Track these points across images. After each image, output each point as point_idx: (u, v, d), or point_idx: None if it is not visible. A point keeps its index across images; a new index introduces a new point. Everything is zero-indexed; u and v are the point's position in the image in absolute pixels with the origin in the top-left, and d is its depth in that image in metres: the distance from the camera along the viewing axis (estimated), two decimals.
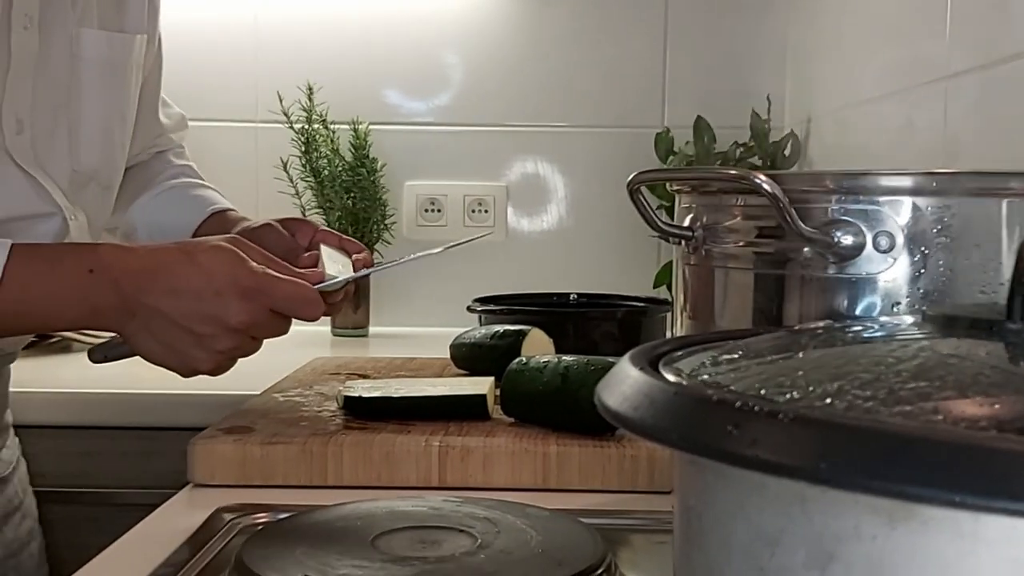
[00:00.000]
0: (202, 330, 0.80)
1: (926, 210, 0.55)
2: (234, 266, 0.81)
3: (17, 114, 0.91)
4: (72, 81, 0.97)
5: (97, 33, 0.99)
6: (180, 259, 0.81)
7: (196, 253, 0.81)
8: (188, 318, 0.80)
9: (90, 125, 0.99)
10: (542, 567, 0.60)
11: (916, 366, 0.34)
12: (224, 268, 0.81)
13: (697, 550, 0.35)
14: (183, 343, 0.81)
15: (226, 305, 0.80)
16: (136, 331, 0.81)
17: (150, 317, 0.80)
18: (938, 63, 1.13)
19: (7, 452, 1.06)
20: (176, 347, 0.81)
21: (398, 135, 1.86)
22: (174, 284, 0.80)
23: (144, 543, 0.71)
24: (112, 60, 1.01)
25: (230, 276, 0.80)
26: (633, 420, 0.34)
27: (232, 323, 0.80)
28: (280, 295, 0.82)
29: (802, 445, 0.28)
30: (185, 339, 0.80)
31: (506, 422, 0.94)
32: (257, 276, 0.82)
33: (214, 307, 0.80)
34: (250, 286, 0.81)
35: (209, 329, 0.80)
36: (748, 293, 0.61)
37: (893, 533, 0.28)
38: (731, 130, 1.77)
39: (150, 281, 0.80)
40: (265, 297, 0.82)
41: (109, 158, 1.03)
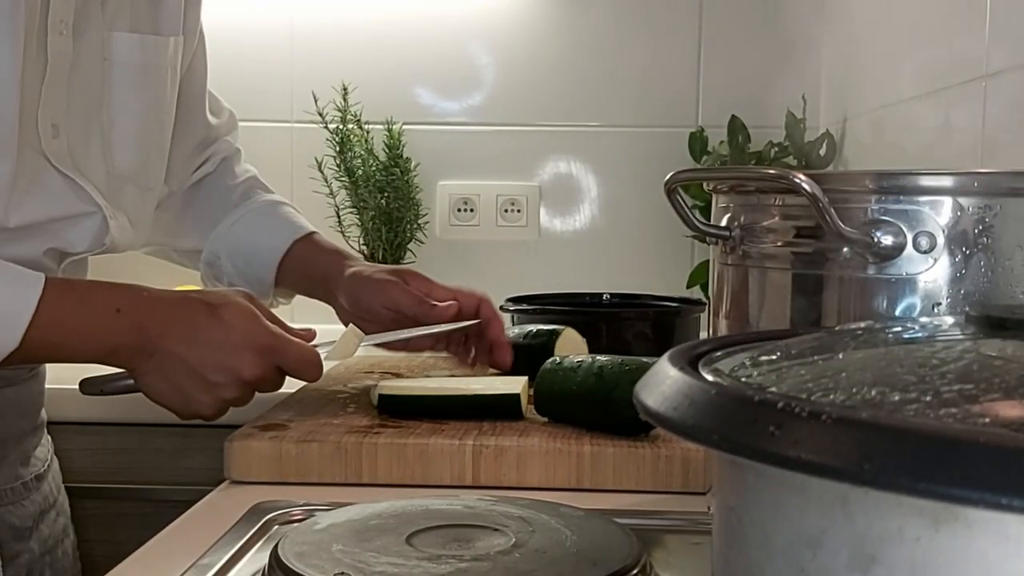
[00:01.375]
0: (215, 378, 0.85)
1: (967, 210, 0.54)
2: (253, 323, 0.87)
3: (53, 118, 0.92)
4: (104, 85, 0.98)
5: (129, 36, 0.99)
6: (204, 310, 0.86)
7: (218, 307, 0.87)
8: (204, 366, 0.85)
9: (123, 128, 1.00)
10: (577, 567, 0.59)
11: (961, 368, 0.33)
12: (243, 324, 0.87)
13: (737, 551, 0.35)
14: (193, 388, 0.85)
15: (242, 359, 0.85)
16: (149, 371, 0.86)
17: (166, 359, 0.85)
18: (976, 61, 1.12)
19: (41, 450, 1.07)
20: (185, 390, 0.86)
21: (432, 135, 1.87)
22: (197, 333, 0.85)
23: (182, 539, 0.72)
24: (145, 63, 1.01)
25: (248, 333, 0.86)
26: (673, 420, 0.34)
27: (245, 376, 0.86)
28: (291, 356, 0.88)
29: (845, 446, 0.28)
30: (196, 385, 0.85)
31: (539, 422, 0.94)
32: (273, 335, 0.88)
33: (231, 359, 0.85)
34: (266, 344, 0.87)
35: (222, 378, 0.85)
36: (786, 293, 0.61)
37: (937, 535, 0.28)
38: (766, 130, 1.77)
39: (172, 327, 0.85)
40: (277, 356, 0.87)
41: (145, 160, 1.04)
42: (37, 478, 1.05)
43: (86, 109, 0.96)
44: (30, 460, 1.04)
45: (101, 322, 0.84)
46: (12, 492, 1.01)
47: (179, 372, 0.85)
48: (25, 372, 1.02)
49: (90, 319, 0.84)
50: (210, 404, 0.87)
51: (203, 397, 0.86)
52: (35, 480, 1.04)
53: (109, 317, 0.84)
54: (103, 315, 0.84)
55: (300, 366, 0.89)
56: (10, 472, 1.01)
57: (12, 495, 1.01)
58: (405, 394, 0.96)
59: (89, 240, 0.97)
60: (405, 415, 0.94)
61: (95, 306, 0.85)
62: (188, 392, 0.86)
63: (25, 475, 1.03)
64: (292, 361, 0.89)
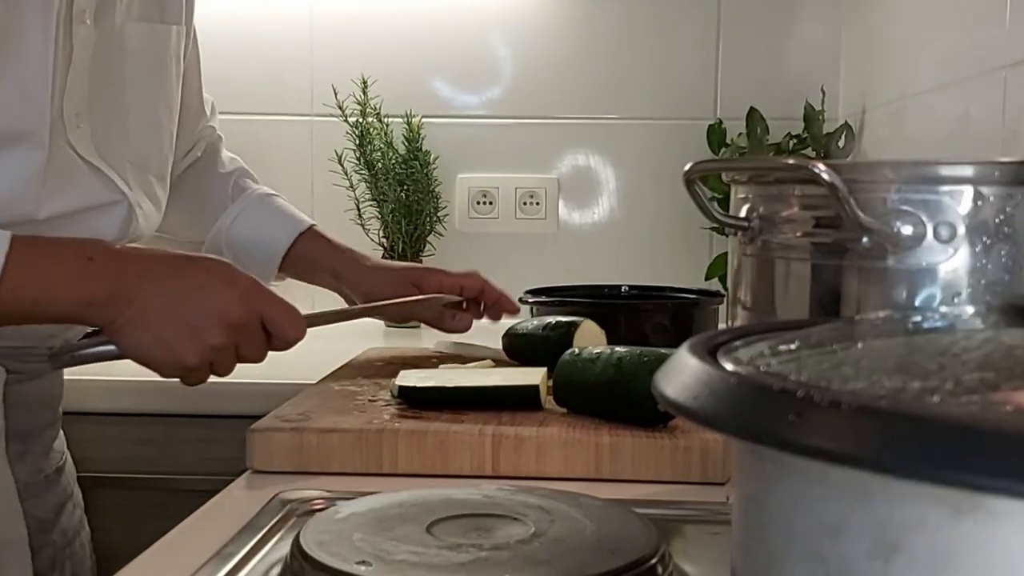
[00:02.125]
0: (200, 321, 0.81)
1: (988, 199, 0.54)
2: (231, 269, 0.85)
3: (76, 108, 0.93)
4: (120, 73, 0.99)
5: (140, 25, 1.00)
6: (180, 258, 0.84)
7: (195, 257, 0.85)
8: (186, 307, 0.81)
9: (139, 116, 1.01)
10: (597, 556, 0.60)
11: (982, 356, 0.33)
12: (223, 269, 0.84)
13: (757, 540, 0.35)
14: (177, 333, 0.81)
15: (228, 297, 0.82)
16: (128, 322, 0.81)
17: (148, 305, 0.80)
18: (996, 52, 1.11)
19: (58, 442, 1.08)
20: (167, 337, 0.81)
21: (451, 128, 1.87)
22: (176, 276, 0.82)
23: (204, 528, 0.73)
24: (154, 51, 1.03)
25: (230, 275, 0.84)
26: (693, 409, 0.34)
27: (231, 316, 0.82)
28: (273, 304, 0.85)
29: (865, 434, 0.28)
30: (180, 329, 0.81)
31: (558, 412, 0.94)
32: (253, 281, 0.85)
33: (214, 300, 0.81)
34: (249, 287, 0.84)
35: (207, 321, 0.81)
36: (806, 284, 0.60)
37: (959, 524, 0.28)
38: (784, 121, 1.76)
39: (151, 271, 0.82)
40: (260, 302, 0.84)
41: (159, 148, 1.05)
42: (57, 471, 1.06)
43: (105, 98, 0.97)
44: (49, 453, 1.05)
45: (74, 271, 0.80)
46: (36, 485, 1.02)
47: (160, 318, 0.81)
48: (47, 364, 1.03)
49: (62, 269, 0.80)
50: (194, 352, 0.82)
51: (187, 344, 0.81)
52: (55, 473, 1.05)
53: (81, 265, 0.80)
54: (75, 264, 0.81)
55: (282, 318, 0.85)
56: (33, 464, 1.02)
57: (36, 488, 1.02)
58: (425, 385, 0.96)
59: (117, 229, 0.97)
60: (425, 406, 0.95)
61: (66, 257, 0.81)
62: (170, 340, 0.81)
63: (46, 468, 1.04)
64: (274, 311, 0.85)
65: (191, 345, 0.81)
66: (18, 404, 0.99)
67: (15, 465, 0.97)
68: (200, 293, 0.81)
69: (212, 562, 0.64)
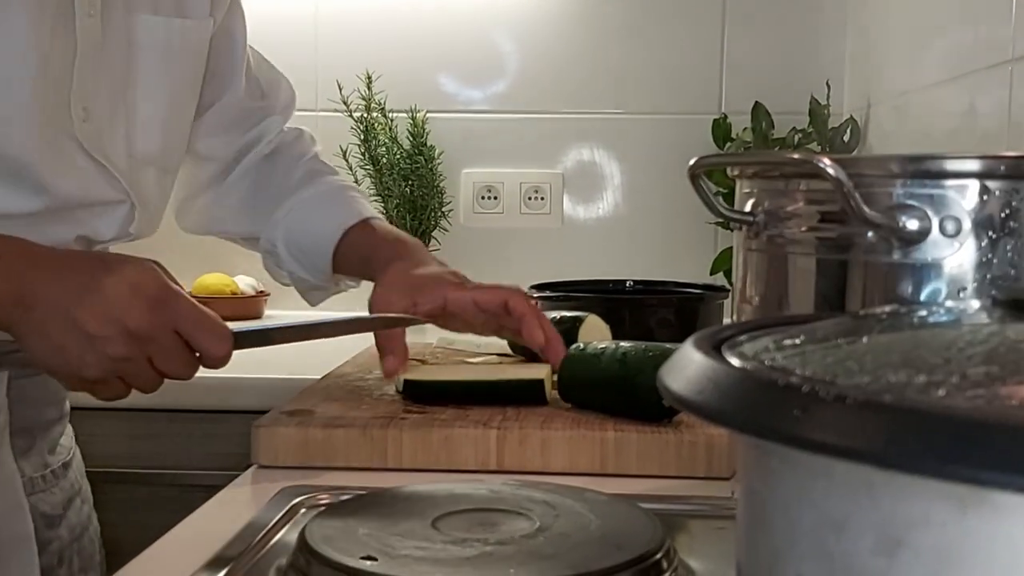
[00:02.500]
0: (97, 330, 0.75)
1: (994, 194, 0.54)
2: (148, 275, 0.77)
3: (84, 102, 0.92)
4: (128, 67, 0.98)
5: (153, 19, 0.99)
6: (96, 262, 0.78)
7: (112, 262, 0.78)
8: (85, 316, 0.75)
9: (147, 111, 0.99)
10: (602, 551, 0.60)
11: (987, 351, 0.33)
12: (136, 275, 0.77)
13: (762, 535, 0.35)
14: (75, 342, 0.75)
15: (128, 307, 0.75)
16: (30, 330, 0.76)
17: (47, 311, 0.75)
18: (1002, 46, 1.11)
19: (66, 438, 1.08)
20: (67, 347, 0.76)
21: (455, 123, 1.87)
22: (82, 280, 0.76)
23: (210, 523, 0.73)
24: (168, 45, 1.01)
25: (140, 281, 0.76)
26: (698, 404, 0.34)
27: (131, 326, 0.75)
28: (188, 315, 0.77)
29: (870, 429, 0.28)
30: (77, 339, 0.75)
31: (564, 407, 0.94)
32: (169, 289, 0.77)
33: (115, 308, 0.75)
34: (158, 296, 0.76)
35: (105, 330, 0.75)
36: (810, 279, 0.60)
37: (964, 519, 0.28)
38: (789, 116, 1.76)
39: (57, 277, 0.76)
40: (171, 312, 0.77)
41: (167, 143, 1.03)
42: (64, 466, 1.06)
43: (113, 93, 0.96)
44: (56, 448, 1.05)
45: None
46: (43, 480, 1.02)
47: (60, 327, 0.75)
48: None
49: None
50: (94, 364, 0.76)
51: (86, 355, 0.75)
52: (62, 468, 1.05)
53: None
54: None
55: (197, 328, 0.78)
56: (39, 460, 1.02)
57: (43, 483, 1.02)
58: (429, 379, 0.97)
59: (116, 228, 0.97)
60: (429, 400, 0.95)
61: None
62: (69, 350, 0.75)
63: (53, 463, 1.04)
64: (188, 321, 0.77)
65: (91, 356, 0.76)
66: (21, 400, 0.99)
67: (20, 460, 0.98)
68: (102, 300, 0.75)
69: (218, 557, 0.64)
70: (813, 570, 0.32)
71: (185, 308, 0.77)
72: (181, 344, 0.77)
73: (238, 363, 0.87)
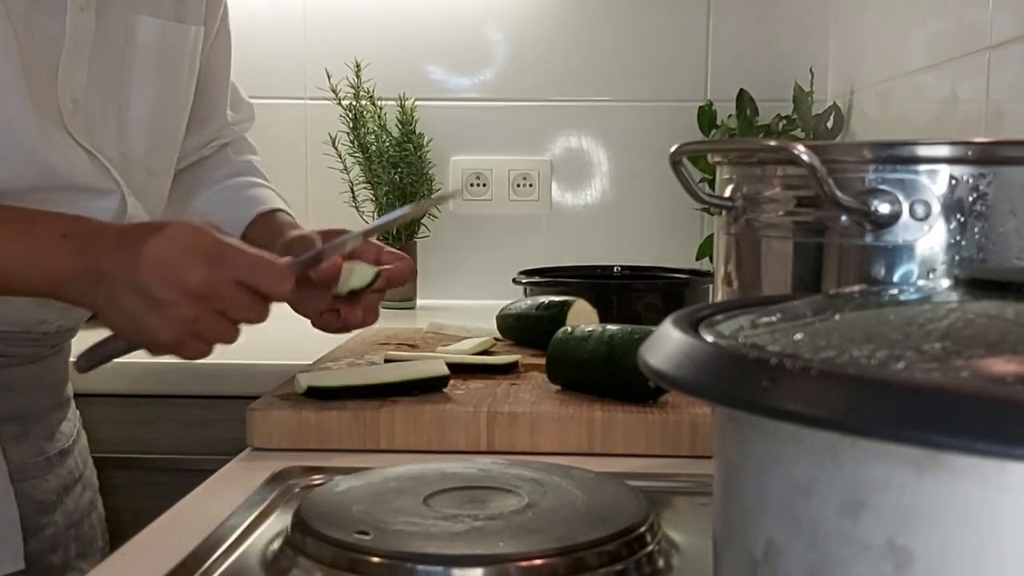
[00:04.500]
0: (160, 294, 0.78)
1: (962, 178, 0.56)
2: (200, 235, 0.80)
3: (72, 93, 0.93)
4: (124, 66, 0.98)
5: (152, 20, 1.00)
6: (149, 229, 0.80)
7: (166, 226, 0.81)
8: (148, 282, 0.77)
9: (138, 110, 1.00)
10: (588, 525, 0.62)
11: (946, 326, 0.35)
12: (188, 236, 0.79)
13: (735, 501, 0.37)
14: (143, 310, 0.78)
15: (187, 268, 0.78)
16: (103, 302, 0.80)
17: (114, 284, 0.78)
18: (981, 33, 1.13)
19: (67, 425, 1.08)
20: (137, 315, 0.79)
21: (444, 111, 1.89)
22: (139, 251, 0.78)
23: (206, 503, 0.75)
24: (165, 48, 1.02)
25: (194, 242, 0.79)
26: (675, 378, 0.36)
27: (192, 286, 0.78)
28: (243, 263, 0.80)
29: (833, 398, 0.30)
30: (145, 306, 0.78)
31: (552, 389, 0.96)
32: (222, 243, 0.80)
33: (174, 270, 0.78)
34: (214, 251, 0.79)
35: (168, 294, 0.78)
36: (787, 261, 0.62)
37: (921, 482, 0.30)
38: (774, 103, 1.78)
39: (117, 248, 0.79)
40: (228, 264, 0.79)
41: (156, 145, 1.04)
42: (62, 453, 1.06)
43: (105, 88, 0.97)
44: (54, 435, 1.05)
45: (45, 247, 0.80)
46: (35, 467, 1.02)
47: (126, 295, 0.78)
48: (47, 349, 1.04)
49: (34, 244, 0.80)
50: (165, 327, 0.79)
51: (155, 320, 0.78)
52: (59, 455, 1.05)
53: (53, 243, 0.79)
54: (47, 240, 0.80)
55: (256, 274, 0.80)
56: (34, 447, 1.02)
57: (35, 469, 1.02)
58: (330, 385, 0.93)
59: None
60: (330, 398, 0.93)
61: (39, 232, 0.80)
62: (140, 317, 0.78)
63: (49, 450, 1.04)
64: (245, 268, 0.80)
65: (159, 320, 0.78)
66: (12, 387, 0.99)
67: (10, 447, 0.98)
68: (161, 266, 0.78)
69: (214, 536, 0.66)
70: (783, 533, 0.34)
71: (241, 257, 0.80)
72: (245, 291, 0.80)
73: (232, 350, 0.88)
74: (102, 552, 1.10)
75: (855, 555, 0.31)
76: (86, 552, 1.08)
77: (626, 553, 0.60)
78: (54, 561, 1.03)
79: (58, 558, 1.04)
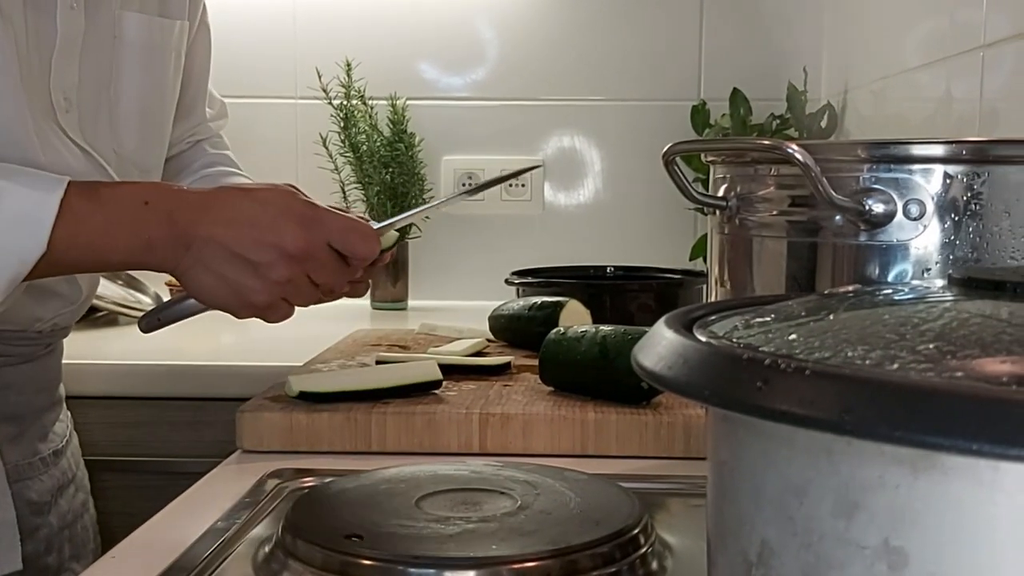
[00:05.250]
0: (258, 257, 0.79)
1: (956, 178, 0.56)
2: (289, 197, 0.82)
3: (65, 92, 0.93)
4: (113, 62, 0.98)
5: (138, 16, 0.99)
6: (236, 193, 0.82)
7: (252, 189, 0.82)
8: (243, 245, 0.79)
9: (128, 107, 1.00)
10: (581, 527, 0.61)
11: (940, 326, 0.35)
12: (280, 199, 0.81)
13: (729, 502, 0.37)
14: (238, 272, 0.79)
15: (282, 230, 0.79)
16: (190, 265, 0.80)
17: (204, 246, 0.79)
18: (975, 32, 1.13)
19: (60, 425, 1.08)
20: (230, 278, 0.80)
21: (435, 110, 1.88)
22: (229, 214, 0.79)
23: (197, 505, 0.74)
24: (151, 44, 1.01)
25: (286, 204, 0.81)
26: (668, 378, 0.35)
27: (289, 248, 0.79)
28: (336, 226, 0.82)
29: (827, 398, 0.29)
30: (240, 268, 0.79)
31: (545, 390, 0.96)
32: (313, 206, 0.82)
33: (270, 233, 0.79)
34: (306, 214, 0.81)
35: (265, 256, 0.79)
36: (781, 261, 0.62)
37: (916, 482, 0.30)
38: (768, 102, 1.78)
39: (205, 212, 0.80)
40: (321, 227, 0.81)
41: (147, 141, 1.04)
42: (55, 453, 1.06)
43: (96, 86, 0.96)
44: (48, 435, 1.05)
45: (129, 215, 0.79)
46: (30, 467, 1.02)
47: (219, 258, 0.79)
48: (41, 348, 1.04)
49: (117, 214, 0.79)
50: (260, 289, 0.80)
51: (251, 282, 0.80)
52: (53, 455, 1.05)
53: (137, 210, 0.79)
54: (130, 208, 0.80)
55: (348, 238, 0.82)
56: (28, 447, 1.02)
57: (30, 470, 1.02)
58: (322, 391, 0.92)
59: None
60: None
61: (121, 200, 0.80)
62: (234, 280, 0.80)
63: (43, 450, 1.04)
64: (338, 233, 0.82)
65: (255, 283, 0.80)
66: (8, 387, 0.99)
67: (7, 447, 0.98)
68: (255, 229, 0.79)
69: (205, 538, 0.66)
70: (777, 534, 0.34)
71: (333, 220, 0.82)
72: (335, 255, 0.82)
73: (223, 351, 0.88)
74: (94, 554, 1.09)
75: (850, 556, 0.31)
76: (79, 554, 1.07)
77: (619, 555, 0.60)
78: (48, 562, 1.03)
79: (52, 559, 1.03)
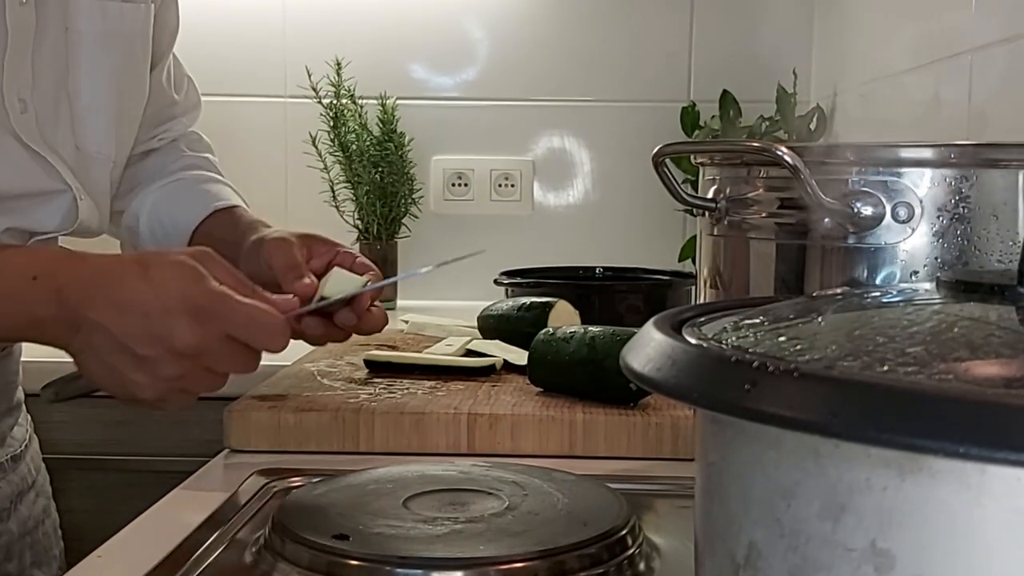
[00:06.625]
0: (144, 351, 0.70)
1: (944, 181, 0.56)
2: (188, 283, 0.72)
3: (19, 93, 0.89)
4: (69, 55, 0.94)
5: (89, 3, 0.94)
6: (132, 271, 0.72)
7: (151, 267, 0.72)
8: (130, 336, 0.70)
9: (90, 100, 0.96)
10: (569, 528, 0.61)
11: (929, 329, 0.35)
12: (176, 284, 0.71)
13: (717, 504, 0.37)
14: (124, 365, 0.71)
15: (173, 325, 0.70)
16: (80, 349, 0.73)
17: (93, 332, 0.71)
18: (964, 35, 1.13)
19: (19, 430, 1.04)
20: (117, 368, 0.72)
21: (425, 110, 1.88)
22: (120, 298, 0.71)
23: (184, 505, 0.74)
24: (108, 31, 0.96)
25: (181, 293, 0.71)
26: (656, 380, 0.35)
27: (177, 346, 0.70)
28: (236, 319, 0.71)
29: (815, 401, 0.29)
30: (127, 361, 0.71)
31: (533, 391, 0.96)
32: (212, 295, 0.71)
33: (159, 326, 0.70)
34: (203, 306, 0.71)
35: (152, 351, 0.70)
36: (770, 263, 0.62)
37: (903, 485, 0.30)
38: (757, 104, 1.78)
39: (95, 293, 0.72)
40: (219, 320, 0.71)
41: (114, 132, 0.99)
42: (13, 459, 1.02)
43: (53, 82, 0.93)
44: (6, 441, 1.02)
45: (16, 290, 0.73)
46: None
47: (107, 347, 0.71)
48: None
49: (6, 286, 0.74)
50: (147, 385, 0.72)
51: (137, 376, 0.71)
52: (11, 461, 1.02)
53: (25, 284, 0.73)
54: (17, 282, 0.73)
55: (250, 331, 0.72)
56: None
57: None
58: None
59: (59, 219, 0.94)
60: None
61: (9, 272, 0.74)
62: (120, 371, 0.71)
63: (1, 456, 1.00)
64: (239, 326, 0.71)
65: (142, 377, 0.71)
66: None
67: None
68: (146, 319, 0.70)
69: (191, 539, 0.65)
70: (764, 536, 0.34)
71: (233, 311, 0.72)
72: (237, 346, 0.72)
73: None
74: (58, 560, 1.07)
75: (837, 558, 0.31)
76: (41, 560, 1.04)
77: (607, 556, 0.60)
78: (9, 570, 0.99)
79: (13, 567, 1.00)
